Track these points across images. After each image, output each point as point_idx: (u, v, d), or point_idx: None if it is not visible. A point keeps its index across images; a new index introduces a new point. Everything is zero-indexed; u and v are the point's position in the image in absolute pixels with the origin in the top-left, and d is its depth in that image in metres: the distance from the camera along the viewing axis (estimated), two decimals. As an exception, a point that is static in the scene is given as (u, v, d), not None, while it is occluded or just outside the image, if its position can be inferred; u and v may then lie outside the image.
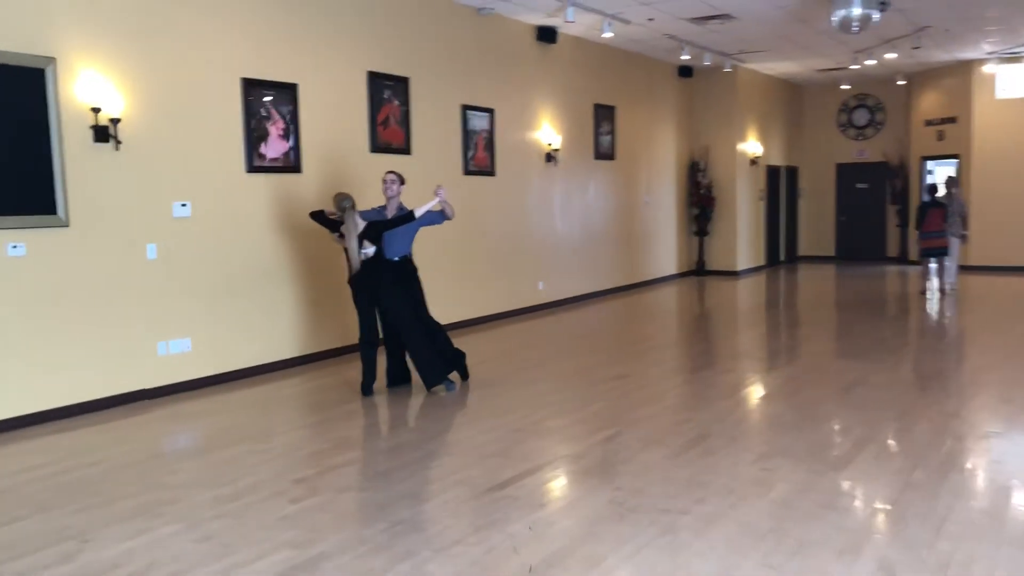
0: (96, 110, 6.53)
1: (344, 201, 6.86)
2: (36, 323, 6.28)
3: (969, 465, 5.05)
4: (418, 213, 6.92)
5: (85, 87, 6.49)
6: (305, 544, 4.02)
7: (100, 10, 6.61)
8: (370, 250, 6.85)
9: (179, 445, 6.03)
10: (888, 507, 4.35)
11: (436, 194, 6.95)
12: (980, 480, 4.81)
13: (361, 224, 6.87)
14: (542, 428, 6.05)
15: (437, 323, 7.27)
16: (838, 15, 9.47)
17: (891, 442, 5.54)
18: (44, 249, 6.30)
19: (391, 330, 7.14)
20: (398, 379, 7.33)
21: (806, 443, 5.52)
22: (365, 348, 7.05)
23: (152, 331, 7.08)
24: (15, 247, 6.12)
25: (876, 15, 9.51)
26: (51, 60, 6.26)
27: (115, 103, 6.66)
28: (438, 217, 7.15)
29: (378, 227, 6.91)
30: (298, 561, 3.84)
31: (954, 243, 12.65)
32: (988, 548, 3.83)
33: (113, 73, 6.68)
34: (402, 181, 7.23)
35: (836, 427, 5.91)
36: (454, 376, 7.29)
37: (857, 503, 4.47)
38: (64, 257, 6.43)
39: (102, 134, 6.58)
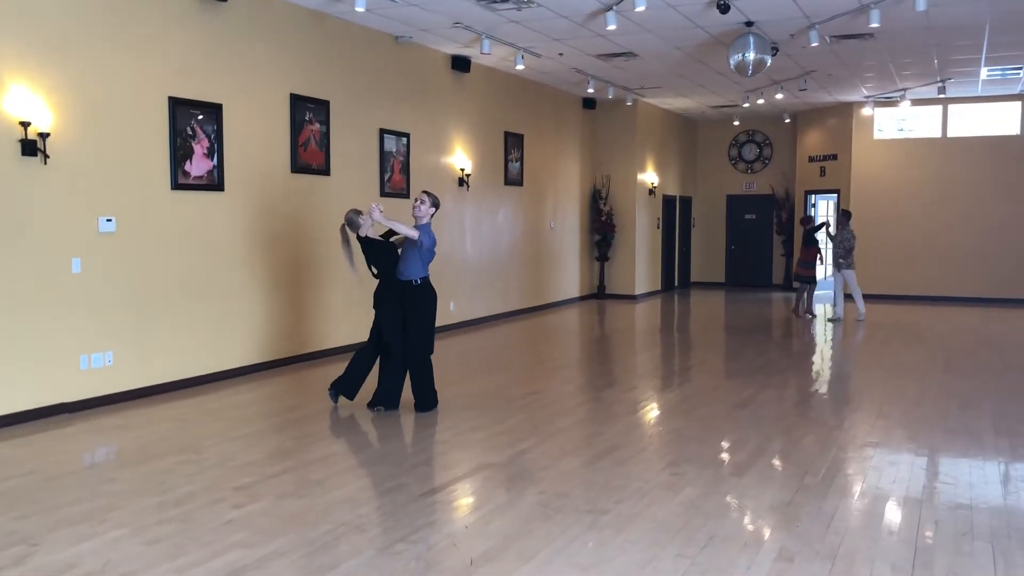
0: (25, 124, 6.58)
1: (349, 215, 7.27)
2: (-42, 335, 6.26)
3: (851, 471, 5.65)
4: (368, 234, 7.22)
5: (14, 101, 6.53)
6: (254, 545, 4.26)
7: (31, 25, 6.67)
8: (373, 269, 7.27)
9: (111, 456, 6.11)
10: (784, 507, 4.87)
11: (370, 215, 6.90)
12: (861, 484, 5.39)
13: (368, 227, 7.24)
14: (464, 440, 6.39)
15: (415, 359, 7.16)
16: (735, 58, 10.21)
17: (783, 451, 6.11)
18: (-31, 261, 6.30)
19: (388, 351, 7.19)
20: (382, 402, 7.19)
21: (708, 452, 6.05)
22: (360, 355, 7.30)
23: (74, 345, 7.10)
24: (-59, 258, 6.11)
25: (768, 59, 10.30)
26: (-18, 73, 6.30)
27: (44, 118, 6.72)
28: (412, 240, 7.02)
29: (369, 245, 7.25)
30: (249, 560, 4.07)
31: (850, 275, 13.72)
32: (869, 541, 4.38)
33: (43, 88, 6.74)
34: (434, 204, 7.20)
35: (733, 439, 6.46)
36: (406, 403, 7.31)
37: (756, 503, 4.97)
38: (-11, 269, 6.43)
39: (30, 148, 6.63)
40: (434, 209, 7.25)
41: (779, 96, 15.17)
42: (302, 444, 6.23)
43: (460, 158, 12.46)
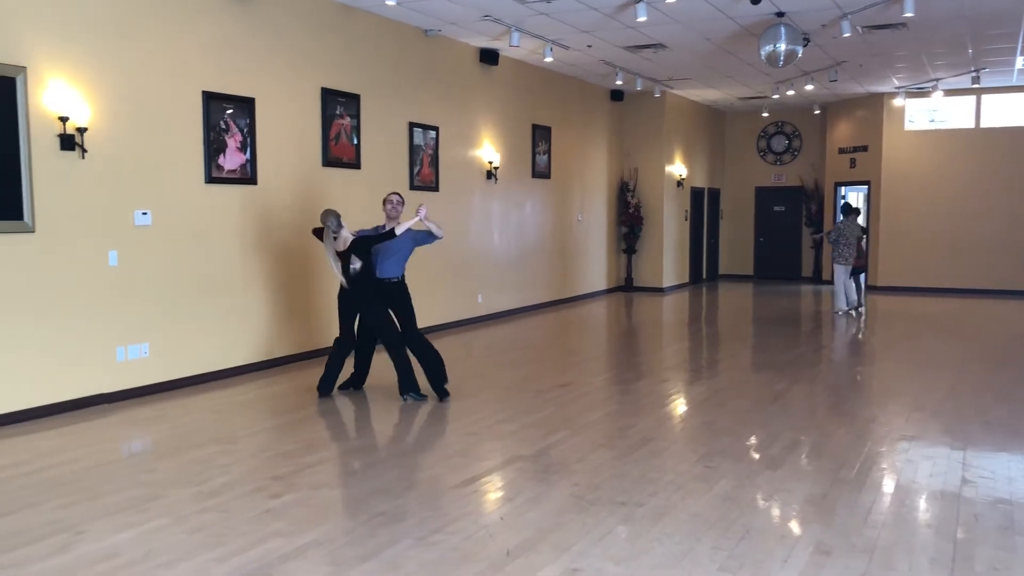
0: (64, 119, 6.67)
1: (328, 219, 7.16)
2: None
3: (886, 465, 5.61)
4: (399, 231, 7.23)
5: (54, 96, 6.62)
6: (292, 534, 4.31)
7: (70, 21, 6.76)
8: (356, 264, 7.14)
9: (149, 446, 6.19)
10: (819, 500, 4.86)
11: (417, 213, 7.28)
12: (897, 478, 5.35)
13: (348, 239, 7.17)
14: (496, 431, 6.42)
15: (428, 343, 7.53)
16: (765, 50, 10.14)
17: (816, 445, 6.08)
18: (10, 254, 6.40)
19: (367, 337, 7.50)
20: (352, 383, 7.65)
21: (741, 445, 6.04)
22: (336, 350, 7.36)
23: (111, 336, 7.20)
24: (-17, 251, 6.22)
25: (799, 50, 10.21)
26: (22, 69, 6.39)
27: (82, 112, 6.80)
28: (427, 237, 7.49)
29: (364, 243, 7.20)
30: (288, 549, 4.12)
31: (837, 269, 13.53)
32: (907, 535, 4.36)
33: (81, 83, 6.83)
34: (403, 202, 7.61)
35: (766, 432, 6.43)
36: (427, 391, 7.50)
37: (791, 497, 4.96)
38: (29, 262, 6.53)
39: (69, 142, 6.72)
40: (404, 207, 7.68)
41: (809, 87, 15.04)
42: (335, 435, 6.29)
43: (488, 151, 12.47)
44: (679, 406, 7.49)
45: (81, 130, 6.79)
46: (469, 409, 7.10)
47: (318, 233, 7.41)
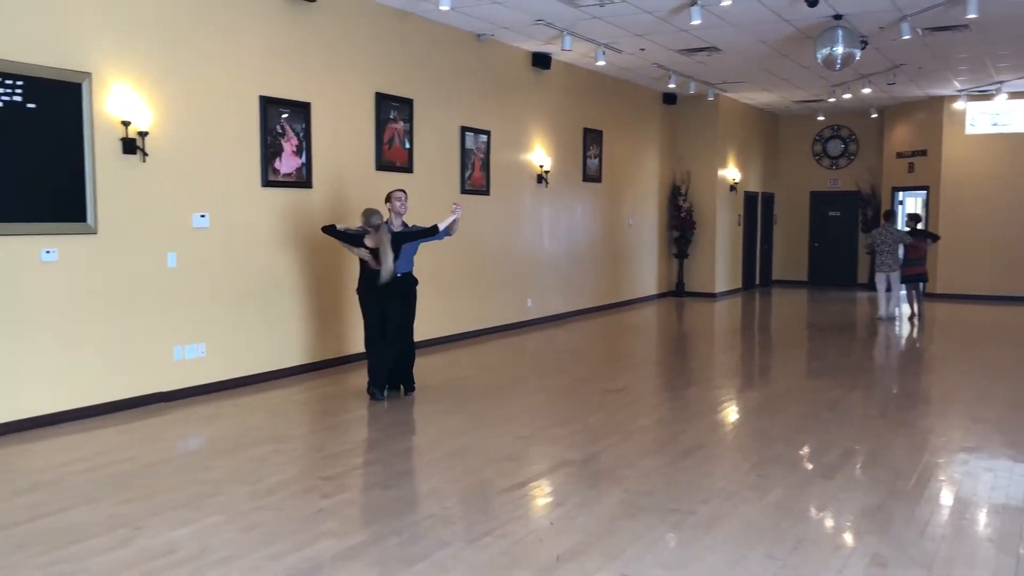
0: (126, 123, 6.83)
1: (374, 217, 7.24)
2: (62, 325, 6.54)
3: (945, 476, 5.48)
4: (441, 227, 7.41)
5: (117, 101, 6.79)
6: (344, 534, 4.35)
7: (132, 28, 6.92)
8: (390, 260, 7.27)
9: (205, 444, 6.31)
10: (875, 511, 4.76)
11: (453, 211, 7.48)
12: (956, 490, 5.23)
13: (387, 235, 7.27)
14: (546, 435, 6.42)
15: (412, 343, 7.73)
16: (822, 53, 9.99)
17: (872, 454, 5.96)
18: (74, 255, 6.58)
19: (397, 334, 7.54)
20: (398, 384, 7.73)
21: (795, 454, 5.95)
22: (373, 349, 7.44)
23: (169, 336, 7.35)
24: (48, 252, 6.39)
25: (858, 53, 10.05)
26: (87, 75, 6.56)
27: (143, 117, 6.97)
28: (440, 234, 7.61)
29: (401, 239, 7.36)
30: (340, 549, 4.17)
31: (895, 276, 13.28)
32: (967, 549, 4.26)
33: (143, 88, 6.99)
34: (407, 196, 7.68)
35: (820, 440, 6.32)
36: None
37: (847, 506, 4.87)
38: (91, 263, 6.71)
39: (130, 146, 6.88)
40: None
41: (866, 90, 14.78)
42: (387, 436, 6.34)
43: (539, 155, 12.48)
44: (731, 413, 7.41)
45: (142, 134, 6.95)
46: (519, 413, 7.11)
47: (330, 231, 7.44)
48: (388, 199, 7.65)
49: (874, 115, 18.27)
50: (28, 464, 5.60)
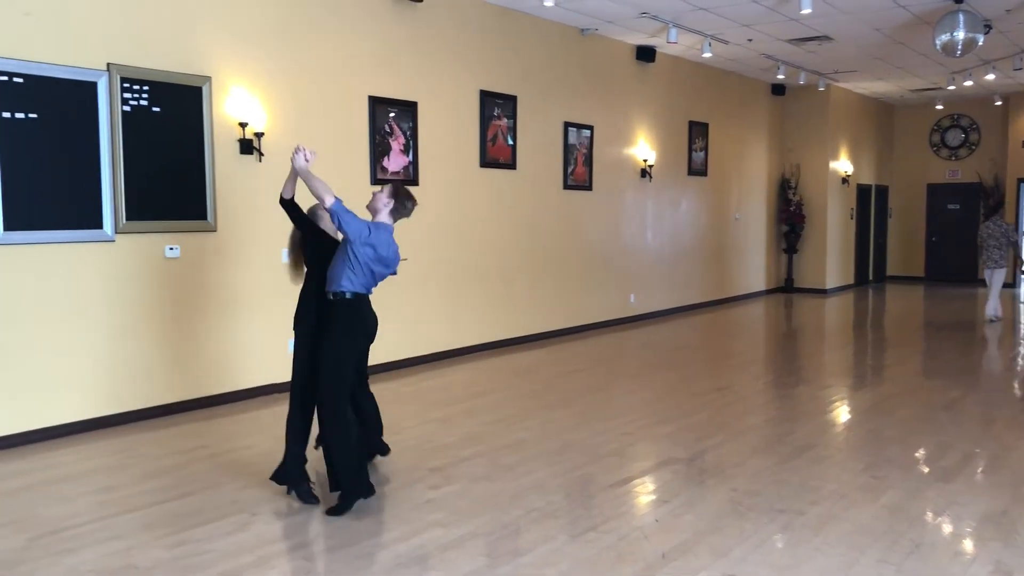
0: (243, 124, 7.11)
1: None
2: (183, 319, 6.86)
3: (1076, 482, 5.20)
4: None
5: (234, 103, 7.07)
6: (451, 525, 4.43)
7: (248, 33, 7.19)
8: None
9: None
10: (998, 517, 4.56)
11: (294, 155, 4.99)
12: (1088, 496, 4.96)
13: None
14: (651, 433, 6.37)
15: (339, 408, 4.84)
16: (941, 39, 9.57)
17: (994, 457, 5.70)
18: (195, 251, 6.89)
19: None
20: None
21: (910, 455, 5.74)
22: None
23: (283, 330, 7.59)
24: (172, 249, 6.72)
25: (980, 38, 9.59)
26: (207, 79, 6.86)
27: (259, 118, 7.23)
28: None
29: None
30: (447, 540, 4.25)
31: (987, 273, 12.60)
32: (1099, 558, 4.03)
33: (258, 90, 7.26)
34: (392, 195, 5.27)
35: (938, 442, 6.08)
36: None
37: (967, 511, 4.68)
38: (211, 259, 7.01)
39: (247, 147, 7.16)
40: (392, 202, 5.09)
41: (989, 76, 14.08)
42: (493, 429, 6.41)
43: (643, 149, 12.37)
44: (842, 413, 7.20)
45: (258, 135, 7.22)
46: (623, 410, 7.09)
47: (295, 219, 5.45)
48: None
49: (998, 103, 17.38)
50: (155, 450, 5.90)
